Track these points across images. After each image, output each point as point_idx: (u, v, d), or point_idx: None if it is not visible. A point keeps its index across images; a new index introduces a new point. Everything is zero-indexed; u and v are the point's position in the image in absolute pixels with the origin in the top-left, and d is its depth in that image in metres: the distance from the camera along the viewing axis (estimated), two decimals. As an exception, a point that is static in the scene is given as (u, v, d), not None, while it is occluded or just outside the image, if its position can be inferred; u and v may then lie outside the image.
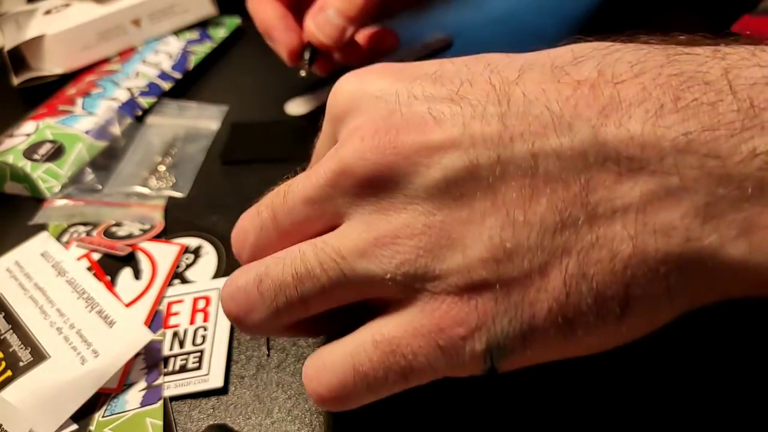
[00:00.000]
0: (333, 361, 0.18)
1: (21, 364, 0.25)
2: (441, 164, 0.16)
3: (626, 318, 0.16)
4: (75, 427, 0.24)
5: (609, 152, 0.15)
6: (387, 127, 0.17)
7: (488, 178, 0.16)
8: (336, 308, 0.19)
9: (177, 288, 0.29)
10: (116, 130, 0.39)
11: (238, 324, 0.19)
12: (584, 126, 0.16)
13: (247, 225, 0.20)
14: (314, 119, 0.40)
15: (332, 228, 0.19)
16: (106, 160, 0.37)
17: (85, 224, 0.33)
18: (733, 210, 0.15)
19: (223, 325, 0.27)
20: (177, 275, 0.30)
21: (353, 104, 0.19)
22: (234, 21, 0.51)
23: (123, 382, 0.25)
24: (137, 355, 0.26)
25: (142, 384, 0.25)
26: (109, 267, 0.30)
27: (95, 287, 0.28)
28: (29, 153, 0.36)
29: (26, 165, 0.35)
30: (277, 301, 0.18)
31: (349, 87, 0.20)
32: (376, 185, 0.17)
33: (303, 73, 0.38)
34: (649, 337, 0.25)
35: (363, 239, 0.17)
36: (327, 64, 0.39)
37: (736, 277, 0.15)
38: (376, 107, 0.18)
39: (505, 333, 0.16)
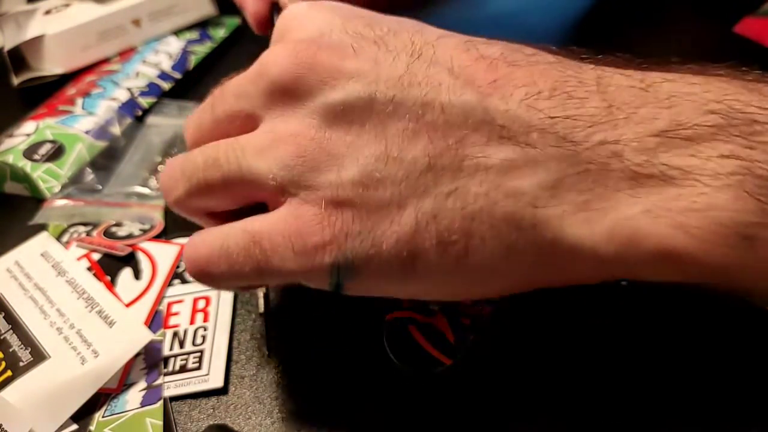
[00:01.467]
0: (209, 238, 0.21)
1: (21, 364, 0.25)
2: (345, 89, 0.19)
3: (463, 266, 0.18)
4: (75, 427, 0.24)
5: (487, 118, 0.18)
6: (311, 45, 0.20)
7: (380, 113, 0.18)
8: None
9: (177, 288, 0.29)
10: (116, 130, 0.39)
11: (166, 195, 0.23)
12: (473, 91, 0.18)
13: (196, 113, 0.23)
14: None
15: (253, 129, 0.21)
16: (106, 161, 0.37)
17: (85, 224, 0.33)
18: (578, 189, 0.17)
19: (223, 325, 0.27)
20: (177, 275, 0.30)
21: (295, 24, 0.22)
22: (234, 21, 0.51)
23: (123, 382, 0.25)
24: (137, 355, 0.26)
25: (142, 384, 0.25)
26: (109, 267, 0.30)
27: (95, 287, 0.28)
28: (29, 153, 0.36)
29: (26, 165, 0.35)
30: (191, 182, 0.21)
31: (297, 11, 0.22)
32: (286, 92, 0.20)
33: None
34: (649, 338, 0.25)
35: (262, 139, 0.20)
36: None
37: (574, 255, 0.17)
38: (311, 30, 0.21)
39: (354, 252, 0.18)
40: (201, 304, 0.28)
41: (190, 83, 0.45)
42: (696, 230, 0.16)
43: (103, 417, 0.24)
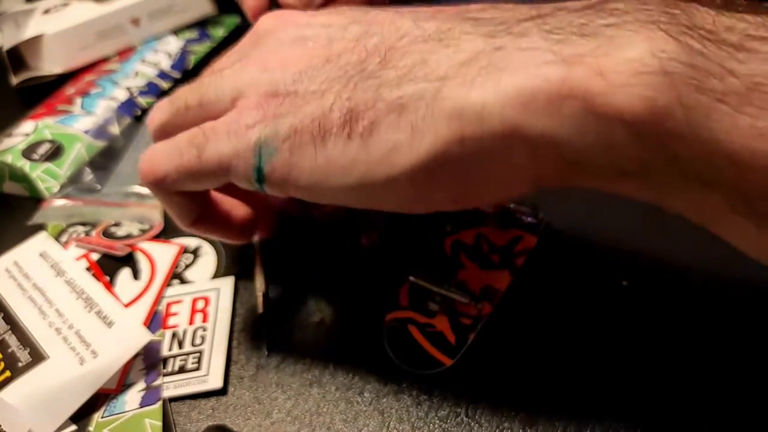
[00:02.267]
0: (164, 143, 0.23)
1: (20, 364, 0.25)
2: (305, 24, 0.23)
3: (367, 145, 0.19)
4: (74, 427, 0.24)
5: (420, 32, 0.20)
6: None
7: (329, 37, 0.22)
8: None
9: (176, 288, 0.29)
10: (115, 129, 0.39)
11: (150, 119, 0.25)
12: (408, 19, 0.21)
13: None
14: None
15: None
16: (105, 160, 0.37)
17: (83, 224, 0.33)
18: (487, 60, 0.18)
19: (223, 326, 0.27)
20: (176, 275, 0.30)
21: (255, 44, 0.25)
22: (233, 20, 0.51)
23: (122, 382, 0.25)
24: (136, 355, 0.26)
25: (141, 384, 0.25)
26: (107, 267, 0.30)
27: (94, 287, 0.28)
28: (28, 153, 0.36)
29: (25, 165, 0.35)
30: (177, 104, 0.24)
31: (265, 24, 0.25)
32: (253, 40, 0.24)
33: None
34: (649, 339, 0.24)
35: (225, 65, 0.24)
36: None
37: (482, 121, 0.17)
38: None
39: (276, 131, 0.20)
40: (200, 304, 0.28)
41: (189, 82, 0.45)
42: (616, 75, 0.16)
43: (102, 417, 0.24)
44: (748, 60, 0.15)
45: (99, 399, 0.24)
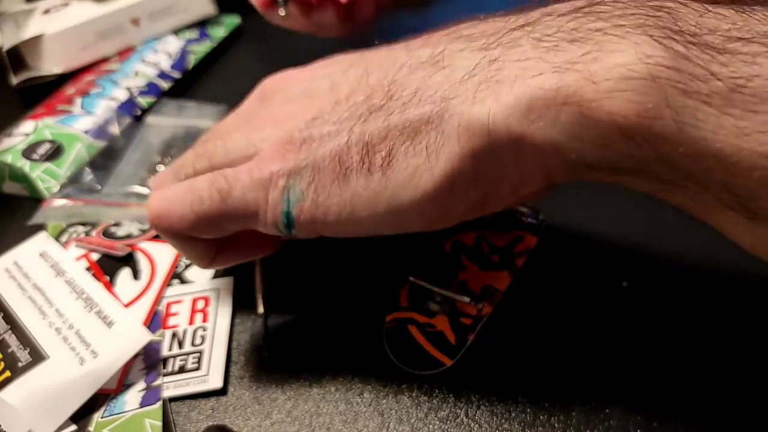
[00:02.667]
0: (176, 186, 0.23)
1: (20, 364, 0.25)
2: (308, 78, 0.25)
3: (389, 175, 0.20)
4: (74, 427, 0.24)
5: (415, 61, 0.21)
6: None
7: (332, 83, 0.24)
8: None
9: (176, 288, 0.29)
10: (115, 129, 0.39)
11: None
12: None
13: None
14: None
15: None
16: (105, 160, 0.37)
17: (83, 224, 0.33)
18: (484, 74, 0.19)
19: (223, 326, 0.27)
20: (176, 275, 0.30)
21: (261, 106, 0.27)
22: (233, 20, 0.51)
23: (122, 382, 0.25)
24: (136, 355, 0.26)
25: (141, 385, 0.25)
26: (107, 267, 0.30)
27: (94, 287, 0.28)
28: (28, 153, 0.36)
29: (25, 165, 0.35)
30: (184, 172, 0.25)
31: (266, 86, 0.27)
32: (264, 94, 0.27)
33: (282, 12, 0.38)
34: (648, 339, 0.24)
35: (231, 127, 0.26)
36: (305, 7, 0.39)
37: (490, 134, 0.18)
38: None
39: (300, 175, 0.21)
40: (200, 304, 0.28)
41: (189, 83, 0.45)
42: (606, 82, 0.16)
43: (102, 417, 0.24)
44: (730, 62, 0.16)
45: (99, 399, 0.24)
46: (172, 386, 0.25)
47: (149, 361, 0.26)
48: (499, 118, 0.18)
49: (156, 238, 0.32)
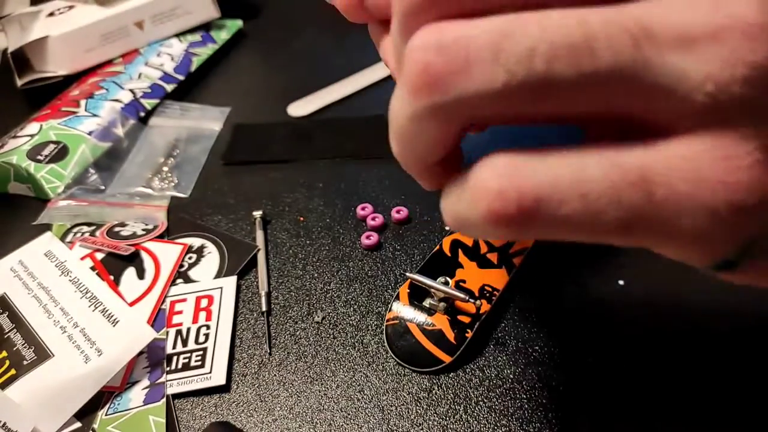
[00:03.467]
0: (543, 167, 0.13)
1: (25, 362, 0.25)
2: None
3: None
4: (78, 424, 0.24)
5: None
6: None
7: None
8: None
9: (180, 287, 0.29)
10: (119, 131, 0.39)
11: (428, 89, 0.13)
12: None
13: None
14: (316, 121, 0.41)
15: None
16: (109, 161, 0.37)
17: (88, 224, 0.33)
18: None
19: (226, 324, 0.27)
20: (180, 274, 0.30)
21: None
22: (236, 23, 0.52)
23: (126, 380, 0.25)
24: (140, 353, 0.26)
25: (145, 382, 0.25)
26: (112, 266, 0.30)
27: (99, 286, 0.29)
28: (33, 154, 0.36)
29: (30, 166, 0.35)
30: (512, 70, 0.12)
31: None
32: None
33: None
34: (647, 338, 0.25)
35: (693, 22, 0.11)
36: None
37: None
38: None
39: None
40: (204, 302, 0.28)
41: (192, 85, 0.45)
42: None
43: (106, 415, 0.24)
44: None
45: (103, 396, 0.25)
46: (175, 383, 0.25)
47: (153, 358, 0.26)
48: None
49: (160, 238, 0.32)
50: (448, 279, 0.27)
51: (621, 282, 0.27)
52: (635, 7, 0.12)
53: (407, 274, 0.27)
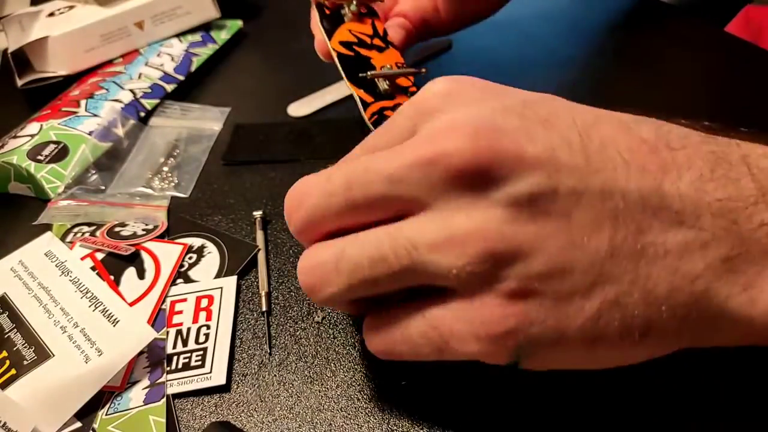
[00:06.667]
0: (388, 327, 0.21)
1: (25, 362, 0.25)
2: (528, 180, 0.18)
3: (641, 345, 0.18)
4: (79, 424, 0.24)
5: (664, 204, 0.18)
6: (487, 130, 0.18)
7: (563, 203, 0.18)
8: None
9: (180, 287, 0.29)
10: (120, 131, 0.39)
11: (312, 294, 0.21)
12: (648, 177, 0.18)
13: (312, 188, 0.21)
14: (316, 121, 0.41)
15: (401, 214, 0.19)
16: (109, 161, 0.37)
17: (88, 224, 0.33)
18: (741, 268, 0.18)
19: (226, 324, 0.27)
20: (180, 274, 0.30)
21: (447, 104, 0.20)
22: (236, 23, 0.52)
23: (126, 380, 0.25)
24: (141, 353, 0.26)
25: (146, 382, 0.25)
26: (112, 266, 0.30)
27: (99, 286, 0.29)
28: (33, 154, 0.36)
29: (30, 165, 0.35)
30: (351, 280, 0.20)
31: (444, 87, 0.21)
32: (466, 181, 0.18)
33: None
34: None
35: (438, 235, 0.18)
36: None
37: (734, 326, 0.18)
38: (473, 112, 0.19)
39: (537, 339, 0.18)
40: (204, 302, 0.28)
41: (192, 85, 0.45)
42: None
43: (106, 415, 0.24)
44: None
45: (103, 396, 0.25)
46: (176, 383, 0.25)
47: (153, 358, 0.26)
48: (746, 317, 0.18)
49: (160, 237, 0.32)
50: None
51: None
52: (407, 227, 0.19)
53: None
